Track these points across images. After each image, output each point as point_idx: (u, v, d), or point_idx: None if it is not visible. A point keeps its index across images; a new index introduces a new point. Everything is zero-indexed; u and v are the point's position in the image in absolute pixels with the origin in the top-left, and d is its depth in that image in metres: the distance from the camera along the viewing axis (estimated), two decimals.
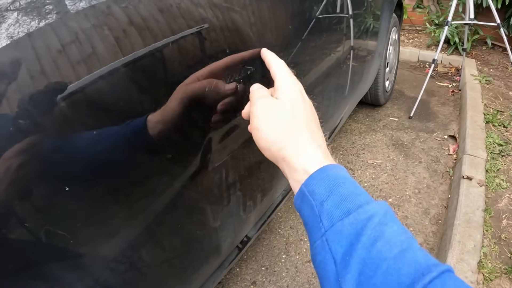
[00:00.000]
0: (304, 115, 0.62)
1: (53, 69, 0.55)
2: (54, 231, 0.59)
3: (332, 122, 2.01)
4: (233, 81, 0.92)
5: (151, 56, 0.71)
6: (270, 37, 1.12)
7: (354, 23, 1.95)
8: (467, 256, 1.77)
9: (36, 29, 0.54)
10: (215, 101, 0.84)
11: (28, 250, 0.57)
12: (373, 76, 2.73)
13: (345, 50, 1.89)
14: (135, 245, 0.78)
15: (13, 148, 0.51)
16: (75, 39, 0.59)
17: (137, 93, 0.69)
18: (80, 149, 0.61)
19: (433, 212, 2.21)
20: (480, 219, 1.98)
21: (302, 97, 0.65)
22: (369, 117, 3.24)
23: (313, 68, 1.54)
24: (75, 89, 0.58)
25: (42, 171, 0.56)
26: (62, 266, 0.63)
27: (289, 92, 0.65)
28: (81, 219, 0.64)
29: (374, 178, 2.48)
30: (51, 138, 0.56)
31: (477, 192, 2.15)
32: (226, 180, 1.04)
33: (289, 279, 1.84)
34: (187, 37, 0.79)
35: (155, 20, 0.72)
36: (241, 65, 0.94)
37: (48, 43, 0.55)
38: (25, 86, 0.52)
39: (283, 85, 0.66)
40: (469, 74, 3.76)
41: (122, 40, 0.65)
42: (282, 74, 0.69)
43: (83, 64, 0.59)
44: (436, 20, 4.75)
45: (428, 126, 3.08)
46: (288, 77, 0.68)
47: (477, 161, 2.42)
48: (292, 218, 2.18)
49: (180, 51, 0.78)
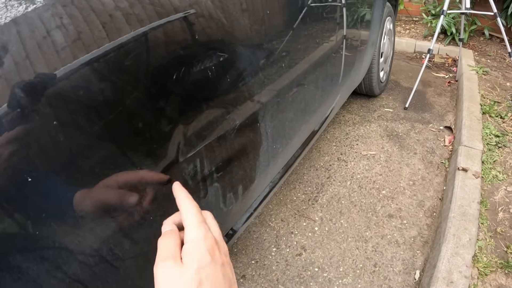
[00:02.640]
0: (213, 282, 0.53)
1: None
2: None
3: (322, 112, 1.96)
4: (203, 68, 0.88)
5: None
6: (261, 25, 1.10)
7: (348, 12, 1.91)
8: (462, 250, 1.73)
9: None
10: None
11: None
12: (366, 66, 2.68)
13: (338, 39, 1.85)
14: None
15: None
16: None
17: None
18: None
19: (428, 205, 2.16)
20: (475, 212, 1.93)
21: (211, 258, 0.54)
22: (364, 108, 3.19)
23: (304, 57, 1.51)
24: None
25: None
26: (61, 260, 0.63)
27: (196, 252, 0.54)
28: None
29: (367, 170, 2.43)
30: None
31: (472, 184, 2.10)
32: (200, 172, 0.99)
33: (279, 272, 1.79)
34: (173, 22, 0.76)
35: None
36: (212, 51, 0.91)
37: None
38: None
39: (189, 242, 0.55)
40: (466, 64, 3.71)
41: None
42: (191, 225, 0.57)
43: (69, 50, 0.58)
44: (433, 11, 4.70)
45: (423, 117, 3.03)
46: (197, 231, 0.56)
47: (473, 153, 2.37)
48: (283, 211, 2.13)
49: (166, 40, 0.75)
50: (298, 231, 1.99)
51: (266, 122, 1.29)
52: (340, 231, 1.99)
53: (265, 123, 1.28)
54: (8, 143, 0.53)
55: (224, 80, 0.99)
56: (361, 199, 2.19)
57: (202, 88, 0.91)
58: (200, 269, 0.52)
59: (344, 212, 2.11)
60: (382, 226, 2.01)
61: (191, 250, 0.54)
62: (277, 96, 1.36)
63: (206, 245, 0.55)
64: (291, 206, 2.16)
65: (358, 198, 2.20)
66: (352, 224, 2.03)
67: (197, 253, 0.54)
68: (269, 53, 1.22)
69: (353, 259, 1.84)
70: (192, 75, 0.85)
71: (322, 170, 2.44)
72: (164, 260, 0.53)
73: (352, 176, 2.38)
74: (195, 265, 0.52)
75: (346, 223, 2.04)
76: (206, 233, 0.57)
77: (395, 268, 1.80)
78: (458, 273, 1.64)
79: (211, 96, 0.96)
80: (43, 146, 0.57)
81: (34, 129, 0.55)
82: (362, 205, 2.15)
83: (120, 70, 0.68)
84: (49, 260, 0.62)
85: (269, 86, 1.26)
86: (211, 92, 0.96)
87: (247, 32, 1.00)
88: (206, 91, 0.93)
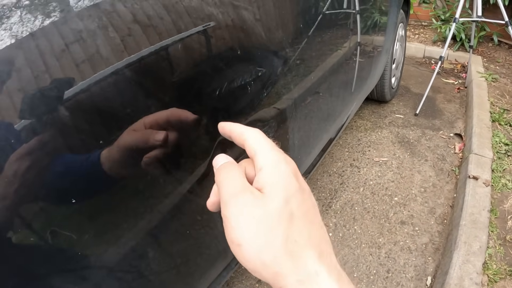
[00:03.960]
0: (304, 214, 0.42)
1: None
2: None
3: (339, 120, 2.01)
4: (243, 83, 0.91)
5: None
6: (277, 33, 1.11)
7: (361, 19, 1.94)
8: (472, 257, 1.77)
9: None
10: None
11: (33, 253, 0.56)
12: (380, 72, 2.71)
13: (351, 46, 1.88)
14: (142, 253, 0.77)
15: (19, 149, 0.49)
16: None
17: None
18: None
19: (439, 212, 2.20)
20: (485, 220, 1.97)
21: (298, 183, 0.44)
22: (375, 114, 3.23)
23: (320, 64, 1.52)
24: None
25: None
26: (66, 270, 0.61)
27: (279, 178, 0.43)
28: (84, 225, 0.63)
29: (380, 176, 2.47)
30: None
31: (483, 192, 2.15)
32: None
33: None
34: (192, 36, 0.77)
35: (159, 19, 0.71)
36: (251, 66, 0.93)
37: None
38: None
39: (268, 167, 0.44)
40: (475, 71, 3.73)
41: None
42: (264, 148, 0.45)
43: (88, 63, 0.57)
44: (442, 16, 4.71)
45: (434, 124, 3.07)
46: (273, 154, 0.45)
47: (483, 161, 2.41)
48: None
49: (185, 51, 0.75)
50: None
51: (294, 133, 1.33)
52: (354, 237, 2.04)
53: (293, 135, 1.32)
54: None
55: (255, 91, 1.01)
56: (374, 206, 2.24)
57: (238, 100, 0.94)
58: (289, 198, 0.42)
59: (358, 218, 2.15)
60: (394, 232, 2.06)
61: (273, 176, 0.43)
62: (305, 106, 1.39)
63: (290, 167, 0.44)
64: None
65: (371, 205, 2.25)
66: (366, 230, 2.08)
67: (281, 179, 0.43)
68: (292, 63, 1.25)
69: (366, 265, 1.89)
70: (223, 86, 0.87)
71: (335, 176, 2.48)
72: (238, 195, 0.42)
73: (364, 182, 2.43)
74: (282, 194, 0.42)
75: (360, 229, 2.08)
76: (285, 156, 0.46)
77: (408, 274, 1.84)
78: (469, 280, 1.68)
79: (246, 107, 0.99)
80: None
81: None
82: (375, 211, 2.20)
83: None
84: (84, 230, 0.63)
85: (297, 96, 1.29)
86: (247, 103, 0.99)
87: (261, 41, 1.03)
88: (239, 102, 0.96)
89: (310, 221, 0.42)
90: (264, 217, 0.40)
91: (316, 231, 0.42)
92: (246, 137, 0.48)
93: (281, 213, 0.40)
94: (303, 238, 0.40)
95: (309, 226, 0.42)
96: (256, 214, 0.40)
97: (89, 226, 0.63)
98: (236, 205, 0.41)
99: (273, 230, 0.39)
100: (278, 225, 0.40)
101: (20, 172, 0.49)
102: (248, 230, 0.40)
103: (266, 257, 0.39)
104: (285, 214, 0.40)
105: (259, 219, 0.40)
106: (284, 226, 0.40)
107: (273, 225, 0.40)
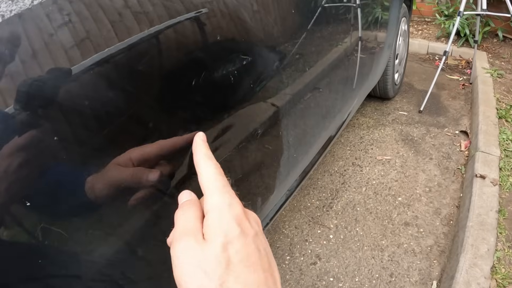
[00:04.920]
0: (243, 260, 0.43)
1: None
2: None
3: (340, 117, 1.94)
4: (226, 72, 0.84)
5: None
6: (274, 27, 1.07)
7: (362, 13, 1.89)
8: (480, 260, 1.70)
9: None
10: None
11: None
12: (382, 68, 2.66)
13: (352, 41, 1.83)
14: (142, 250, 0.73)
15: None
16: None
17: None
18: None
19: (444, 212, 2.13)
20: (493, 221, 1.90)
21: (240, 228, 0.44)
22: (378, 111, 3.16)
23: (319, 60, 1.48)
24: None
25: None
26: (60, 267, 0.58)
27: (220, 224, 0.44)
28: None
29: (383, 176, 2.40)
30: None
31: (490, 192, 2.07)
32: None
33: (293, 282, 1.77)
34: (183, 23, 0.72)
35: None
36: (237, 54, 0.87)
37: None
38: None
39: (212, 212, 0.45)
40: (480, 67, 3.67)
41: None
42: (212, 190, 0.47)
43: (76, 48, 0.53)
44: (446, 11, 4.65)
45: (438, 121, 2.99)
46: (220, 197, 0.46)
47: (491, 159, 2.33)
48: (297, 217, 2.10)
49: (176, 41, 0.71)
50: (312, 238, 1.97)
51: (288, 131, 1.27)
52: (355, 239, 1.97)
53: (287, 132, 1.26)
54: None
55: (246, 86, 0.96)
56: (377, 206, 2.16)
57: (225, 94, 0.89)
58: (228, 244, 0.43)
59: (360, 219, 2.08)
60: (398, 234, 1.99)
61: (214, 221, 0.45)
62: (299, 102, 1.34)
63: (232, 213, 0.45)
64: (305, 212, 2.14)
65: (373, 205, 2.17)
66: (368, 232, 2.00)
67: (222, 224, 0.44)
68: (291, 57, 1.21)
69: (369, 269, 1.81)
70: (213, 80, 0.83)
71: (337, 176, 2.41)
72: (182, 237, 0.44)
73: (367, 182, 2.35)
74: (221, 240, 0.43)
75: (362, 231, 2.01)
76: (231, 199, 0.47)
77: (412, 278, 1.77)
78: (477, 285, 1.62)
79: (235, 103, 0.94)
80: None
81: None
82: (377, 212, 2.13)
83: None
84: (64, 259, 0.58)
85: (291, 92, 1.24)
86: (235, 98, 0.94)
87: (257, 35, 0.98)
88: (230, 97, 0.91)
89: (250, 266, 0.43)
90: (201, 262, 0.42)
91: (256, 277, 0.42)
92: (200, 171, 0.50)
93: (218, 259, 0.42)
94: (239, 284, 0.41)
95: (247, 273, 0.42)
96: (195, 257, 0.42)
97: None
98: (179, 246, 0.44)
99: (209, 275, 0.41)
100: (214, 271, 0.41)
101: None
102: (187, 272, 0.42)
103: None
104: (222, 260, 0.42)
105: (197, 263, 0.42)
106: (220, 272, 0.41)
107: (209, 270, 0.41)
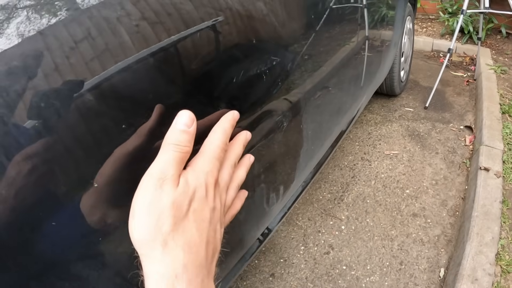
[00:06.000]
0: (198, 221, 0.45)
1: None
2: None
3: (351, 112, 2.02)
4: (259, 72, 0.91)
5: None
6: (283, 28, 1.11)
7: (368, 13, 1.94)
8: (485, 248, 1.77)
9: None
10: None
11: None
12: (388, 66, 2.71)
13: (359, 40, 1.88)
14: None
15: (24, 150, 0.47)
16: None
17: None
18: None
19: (450, 204, 2.20)
20: (498, 211, 1.97)
21: (207, 196, 0.47)
22: (385, 108, 3.22)
23: (328, 59, 1.52)
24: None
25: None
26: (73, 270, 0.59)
27: (195, 181, 0.47)
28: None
29: (391, 169, 2.48)
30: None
31: (494, 184, 2.15)
32: (251, 172, 1.04)
33: (307, 270, 1.85)
34: (201, 31, 0.74)
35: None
36: (268, 56, 0.93)
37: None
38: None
39: (191, 169, 0.48)
40: (484, 63, 3.72)
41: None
42: (202, 153, 0.50)
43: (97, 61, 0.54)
44: (450, 9, 4.68)
45: (444, 117, 3.06)
46: (204, 161, 0.49)
47: (494, 152, 2.40)
48: (309, 210, 2.18)
49: (193, 47, 0.73)
50: (325, 229, 2.05)
51: (308, 124, 1.34)
52: (366, 229, 2.05)
53: (307, 125, 1.34)
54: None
55: (276, 84, 1.03)
56: (386, 198, 2.24)
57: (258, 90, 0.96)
58: (192, 202, 0.45)
59: (370, 211, 2.16)
60: (407, 225, 2.07)
61: (191, 178, 0.46)
62: (315, 99, 1.40)
63: (206, 180, 0.47)
64: (317, 205, 2.22)
65: (382, 197, 2.25)
66: (378, 223, 2.09)
67: (195, 183, 0.46)
68: (303, 59, 1.26)
69: (379, 257, 1.89)
70: (249, 78, 0.88)
71: (347, 170, 2.49)
72: (152, 175, 0.44)
73: (376, 175, 2.43)
74: (189, 194, 0.45)
75: (372, 222, 2.09)
76: (212, 169, 0.49)
77: (420, 266, 1.85)
78: (482, 270, 1.68)
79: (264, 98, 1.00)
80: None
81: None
82: (387, 204, 2.21)
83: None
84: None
85: (308, 89, 1.30)
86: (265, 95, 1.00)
87: (265, 37, 1.03)
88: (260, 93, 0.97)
89: (199, 230, 0.45)
90: (155, 205, 0.43)
91: (199, 240, 0.45)
92: (209, 136, 0.52)
93: (181, 208, 0.43)
94: (183, 239, 0.43)
95: (195, 233, 0.45)
96: (151, 199, 0.43)
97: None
98: (145, 184, 0.44)
99: (161, 220, 0.42)
100: (168, 218, 0.43)
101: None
102: (141, 209, 0.43)
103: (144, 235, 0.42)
104: (183, 209, 0.44)
105: (150, 204, 0.43)
106: (174, 221, 0.43)
107: (164, 215, 0.42)
